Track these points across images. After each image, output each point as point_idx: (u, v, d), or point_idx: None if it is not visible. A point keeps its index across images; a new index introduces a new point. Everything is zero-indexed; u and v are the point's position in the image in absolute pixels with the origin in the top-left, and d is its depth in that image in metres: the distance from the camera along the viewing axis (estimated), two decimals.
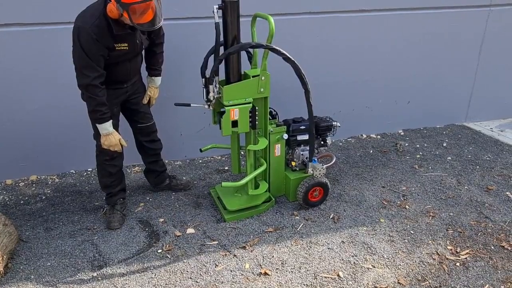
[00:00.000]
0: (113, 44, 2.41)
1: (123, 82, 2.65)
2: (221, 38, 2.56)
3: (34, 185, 3.34)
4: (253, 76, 2.65)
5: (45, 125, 3.27)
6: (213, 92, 2.57)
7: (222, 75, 2.69)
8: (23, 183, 3.36)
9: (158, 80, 2.89)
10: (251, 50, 2.89)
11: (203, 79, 2.60)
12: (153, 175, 3.15)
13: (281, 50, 2.55)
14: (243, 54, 2.79)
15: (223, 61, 2.59)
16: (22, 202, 3.11)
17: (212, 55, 2.65)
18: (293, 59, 2.59)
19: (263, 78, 2.62)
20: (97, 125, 2.52)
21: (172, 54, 3.35)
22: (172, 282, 2.35)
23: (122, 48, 2.46)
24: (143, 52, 2.75)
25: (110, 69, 2.49)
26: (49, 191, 3.25)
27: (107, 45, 2.38)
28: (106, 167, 2.77)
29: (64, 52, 2.58)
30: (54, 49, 3.03)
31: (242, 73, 2.73)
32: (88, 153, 2.94)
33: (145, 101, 2.86)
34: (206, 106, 2.65)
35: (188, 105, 2.79)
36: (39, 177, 3.45)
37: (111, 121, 2.54)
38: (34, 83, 3.12)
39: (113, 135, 2.57)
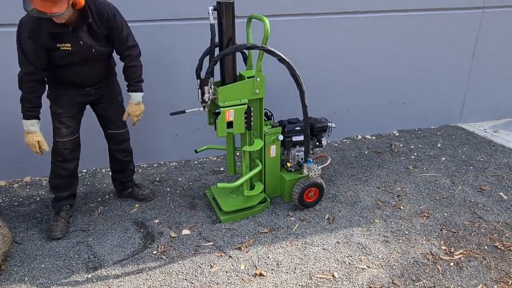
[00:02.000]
0: (52, 43, 2.34)
1: (83, 86, 2.60)
2: (217, 40, 2.56)
3: (28, 186, 3.33)
4: (248, 77, 2.66)
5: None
6: (208, 93, 2.57)
7: (217, 77, 2.69)
8: (17, 185, 3.34)
9: (135, 96, 2.68)
10: (246, 51, 2.89)
11: (198, 80, 2.60)
12: (117, 182, 3.09)
13: (276, 51, 2.56)
14: (239, 55, 2.79)
15: (218, 62, 2.60)
16: (16, 203, 3.10)
17: (207, 56, 2.65)
18: (288, 60, 2.60)
19: (258, 79, 2.63)
20: (22, 120, 2.46)
21: (166, 55, 3.36)
22: (167, 284, 2.34)
23: (66, 48, 2.38)
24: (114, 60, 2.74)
25: (62, 70, 2.48)
26: (43, 193, 3.24)
27: (45, 44, 2.33)
28: (57, 168, 2.68)
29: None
30: None
31: (237, 74, 2.74)
32: (83, 155, 2.92)
33: (124, 117, 2.76)
34: (201, 108, 2.65)
35: (183, 112, 2.74)
36: (33, 178, 3.43)
37: (35, 121, 2.47)
38: None
39: (32, 135, 2.47)
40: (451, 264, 2.52)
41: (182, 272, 2.43)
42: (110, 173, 3.10)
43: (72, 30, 2.36)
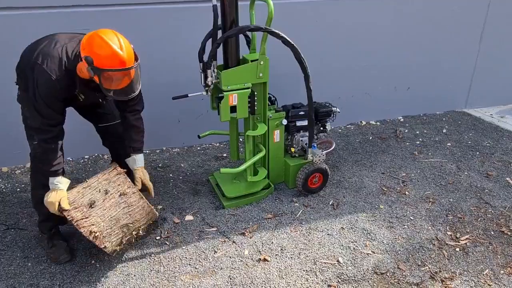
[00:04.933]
0: (71, 95, 2.17)
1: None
2: (219, 21, 2.50)
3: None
4: (251, 61, 2.61)
5: None
6: (211, 77, 2.52)
7: (220, 60, 2.64)
8: (19, 171, 3.32)
9: (141, 158, 2.42)
10: (249, 34, 2.83)
11: (201, 63, 2.55)
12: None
13: (280, 33, 2.50)
14: (242, 38, 2.73)
15: (221, 45, 2.54)
16: (18, 189, 3.08)
17: (210, 39, 2.60)
18: (292, 43, 2.54)
19: (261, 62, 2.58)
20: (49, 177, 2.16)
21: (168, 39, 3.30)
22: (171, 269, 2.33)
23: (78, 97, 2.22)
24: None
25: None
26: None
27: (66, 96, 2.13)
28: (40, 177, 2.21)
29: None
30: None
31: (241, 57, 2.68)
32: (85, 141, 2.90)
33: (139, 186, 2.39)
34: (204, 92, 2.61)
35: (186, 96, 2.66)
36: None
37: (62, 177, 2.18)
38: None
39: (57, 193, 2.14)
40: (457, 249, 2.50)
41: (186, 258, 2.41)
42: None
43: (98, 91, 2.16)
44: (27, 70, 2.10)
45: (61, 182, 2.16)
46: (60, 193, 2.14)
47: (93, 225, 2.13)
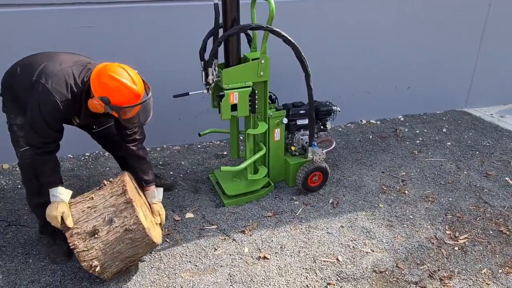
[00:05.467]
0: (70, 118, 2.19)
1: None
2: (220, 20, 2.51)
3: None
4: (252, 59, 2.62)
5: None
6: (212, 75, 2.53)
7: (221, 59, 2.65)
8: None
9: (160, 192, 2.44)
10: (250, 32, 2.84)
11: (202, 62, 2.56)
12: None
13: (281, 32, 2.50)
14: (243, 36, 2.74)
15: (222, 44, 2.55)
16: (19, 186, 3.09)
17: (211, 38, 2.60)
18: (293, 42, 2.54)
19: (262, 61, 2.58)
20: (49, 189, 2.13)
21: (170, 37, 3.31)
22: (171, 266, 2.35)
23: (73, 121, 2.24)
24: None
25: None
26: None
27: (66, 118, 2.14)
28: (33, 184, 2.20)
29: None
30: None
31: (242, 56, 2.69)
32: (86, 138, 2.89)
33: (157, 221, 2.39)
34: (205, 91, 2.61)
35: (187, 94, 2.68)
36: None
37: (63, 188, 2.14)
38: None
39: (58, 205, 2.08)
40: (456, 248, 2.51)
41: (186, 255, 2.43)
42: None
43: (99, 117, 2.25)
44: (22, 85, 2.08)
45: (62, 193, 2.11)
46: (61, 206, 2.07)
47: (94, 259, 2.06)
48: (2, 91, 2.26)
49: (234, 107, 2.61)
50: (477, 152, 3.65)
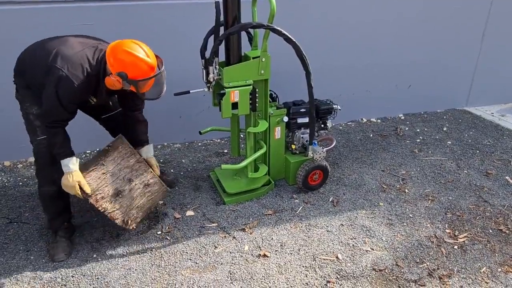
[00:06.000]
0: (87, 99, 2.28)
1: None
2: (221, 18, 2.51)
3: (32, 166, 3.33)
4: (253, 58, 2.62)
5: None
6: (213, 73, 2.53)
7: (222, 57, 2.65)
8: (21, 165, 3.35)
9: (152, 148, 2.62)
10: (251, 30, 2.84)
11: (203, 60, 2.56)
12: None
13: (282, 30, 2.50)
14: (244, 35, 2.74)
15: (223, 42, 2.55)
16: (20, 183, 3.11)
17: (212, 36, 2.60)
18: (294, 40, 2.54)
19: (263, 59, 2.59)
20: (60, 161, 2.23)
21: (170, 35, 3.31)
22: (171, 263, 2.36)
23: (90, 100, 2.32)
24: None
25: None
26: None
27: (82, 100, 2.25)
28: (47, 173, 2.30)
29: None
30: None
31: (243, 54, 2.69)
32: (87, 135, 2.91)
33: (158, 172, 2.60)
34: (206, 89, 2.62)
35: (188, 92, 2.70)
36: None
37: (75, 158, 2.24)
38: None
39: (73, 175, 2.20)
40: (455, 247, 2.52)
41: (187, 252, 2.44)
42: None
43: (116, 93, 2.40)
44: (35, 70, 2.15)
45: (75, 163, 2.23)
46: (76, 175, 2.21)
47: (123, 215, 2.35)
48: (15, 78, 2.32)
49: (234, 105, 2.62)
50: (478, 151, 3.65)
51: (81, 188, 2.22)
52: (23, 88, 2.29)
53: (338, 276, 2.29)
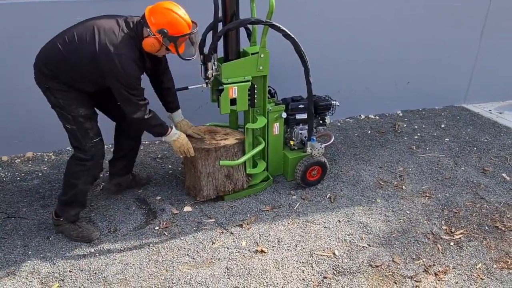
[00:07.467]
0: (143, 69, 2.37)
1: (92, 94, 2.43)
2: (220, 14, 2.50)
3: (30, 161, 3.33)
4: (252, 54, 2.61)
5: (40, 101, 3.22)
6: (212, 69, 2.53)
7: (220, 53, 2.64)
8: (19, 160, 3.34)
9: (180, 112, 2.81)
10: (250, 26, 2.83)
11: (201, 56, 2.55)
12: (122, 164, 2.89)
13: (281, 26, 2.50)
14: (242, 31, 2.73)
15: (222, 38, 2.54)
16: (18, 178, 3.10)
17: (211, 32, 2.60)
18: (293, 36, 2.54)
19: (262, 55, 2.58)
20: (166, 136, 2.55)
21: None
22: (169, 259, 2.37)
23: (146, 68, 2.43)
24: None
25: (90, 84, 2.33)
26: (45, 168, 3.24)
27: (141, 71, 2.35)
28: (87, 175, 2.40)
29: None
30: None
31: (241, 50, 2.69)
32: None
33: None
34: (204, 85, 2.62)
35: (186, 88, 2.73)
36: (35, 154, 3.43)
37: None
38: (27, 59, 3.05)
39: (180, 137, 2.57)
40: (451, 243, 2.53)
41: (184, 248, 2.45)
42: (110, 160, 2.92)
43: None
44: (83, 59, 2.17)
45: (177, 132, 2.54)
46: (185, 138, 2.57)
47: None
48: (40, 75, 2.29)
49: (233, 101, 2.62)
50: (475, 148, 3.66)
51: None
52: (60, 90, 2.26)
53: (335, 272, 2.30)
